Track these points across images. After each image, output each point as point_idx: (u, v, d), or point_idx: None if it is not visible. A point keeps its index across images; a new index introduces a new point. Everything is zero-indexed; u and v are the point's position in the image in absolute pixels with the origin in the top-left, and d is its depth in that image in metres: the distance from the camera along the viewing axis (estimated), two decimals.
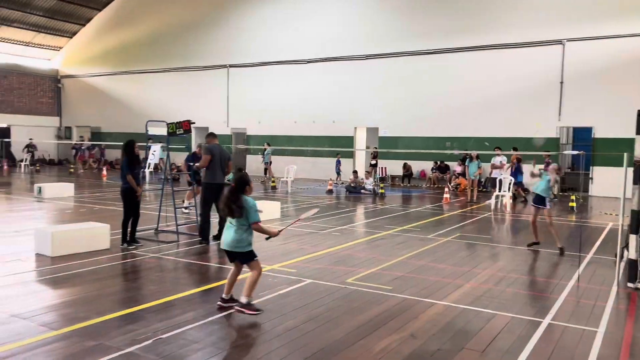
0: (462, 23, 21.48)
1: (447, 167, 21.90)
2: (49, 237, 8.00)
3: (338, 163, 23.33)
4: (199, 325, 5.14)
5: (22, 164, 27.18)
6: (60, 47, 34.67)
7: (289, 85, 26.00)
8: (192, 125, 9.45)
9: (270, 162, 23.32)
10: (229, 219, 5.38)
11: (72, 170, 26.64)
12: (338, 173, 23.13)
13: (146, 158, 17.14)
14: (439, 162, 22.13)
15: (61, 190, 16.26)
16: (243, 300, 5.36)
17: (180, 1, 29.63)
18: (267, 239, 5.58)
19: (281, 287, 6.56)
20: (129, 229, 8.91)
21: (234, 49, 27.54)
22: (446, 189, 17.47)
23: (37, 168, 27.58)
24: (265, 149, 23.89)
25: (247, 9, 27.28)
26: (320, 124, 25.03)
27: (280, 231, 5.69)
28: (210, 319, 5.34)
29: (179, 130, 9.33)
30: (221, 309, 5.56)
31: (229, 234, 5.36)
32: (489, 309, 5.81)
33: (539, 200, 9.22)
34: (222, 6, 28.01)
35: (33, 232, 8.63)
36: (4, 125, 32.05)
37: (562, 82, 19.70)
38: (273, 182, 20.72)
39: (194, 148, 21.76)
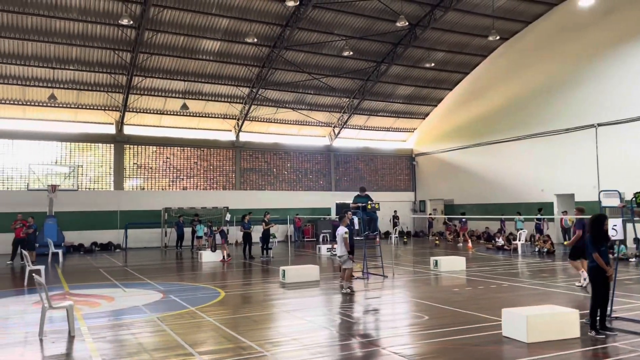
0: None
1: None
2: (524, 320, 7.49)
3: None
4: None
5: (393, 236, 29.76)
6: (415, 129, 37.99)
7: None
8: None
9: None
10: None
11: (437, 242, 27.70)
12: None
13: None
14: None
15: (454, 263, 16.53)
16: None
17: (535, 66, 28.78)
18: None
19: None
20: (597, 315, 7.78)
21: (604, 105, 24.83)
22: None
23: (405, 240, 29.79)
24: None
25: (620, 59, 24.47)
26: None
27: None
28: None
29: None
30: None
31: None
32: None
33: None
34: (588, 61, 25.93)
35: (502, 313, 8.15)
36: None
37: None
38: None
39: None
